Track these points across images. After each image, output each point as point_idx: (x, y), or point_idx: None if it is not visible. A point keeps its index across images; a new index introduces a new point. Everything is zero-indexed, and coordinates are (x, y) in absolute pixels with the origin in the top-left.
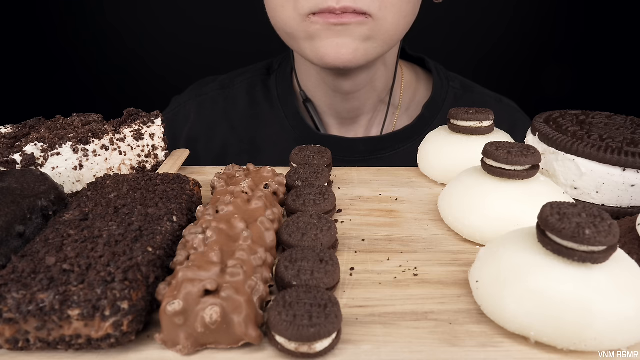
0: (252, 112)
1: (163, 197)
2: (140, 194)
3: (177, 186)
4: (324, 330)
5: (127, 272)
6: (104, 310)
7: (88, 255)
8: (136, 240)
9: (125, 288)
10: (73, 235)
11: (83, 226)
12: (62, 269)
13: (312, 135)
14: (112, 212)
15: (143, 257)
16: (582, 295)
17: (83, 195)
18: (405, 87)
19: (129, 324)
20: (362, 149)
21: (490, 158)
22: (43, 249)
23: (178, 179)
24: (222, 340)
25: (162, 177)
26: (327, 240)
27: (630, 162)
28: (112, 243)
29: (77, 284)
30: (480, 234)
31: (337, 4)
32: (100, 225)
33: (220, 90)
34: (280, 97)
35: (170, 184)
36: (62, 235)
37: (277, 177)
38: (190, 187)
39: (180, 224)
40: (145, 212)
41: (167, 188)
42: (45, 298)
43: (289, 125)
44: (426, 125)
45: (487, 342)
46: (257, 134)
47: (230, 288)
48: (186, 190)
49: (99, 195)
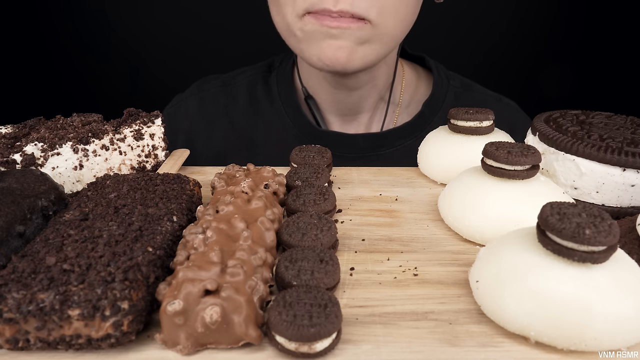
0: (253, 108)
1: (163, 197)
2: (141, 194)
3: (177, 186)
4: (324, 330)
5: (127, 272)
6: (104, 310)
7: (88, 255)
8: (136, 240)
9: (126, 288)
10: (73, 235)
11: (83, 226)
12: (63, 269)
13: (312, 131)
14: (112, 212)
15: (143, 257)
16: (582, 295)
17: (83, 195)
18: (405, 85)
19: (129, 324)
20: (362, 145)
21: (490, 158)
22: (43, 249)
23: (178, 179)
24: (222, 340)
25: (162, 177)
26: (327, 240)
27: (630, 162)
28: (112, 243)
29: (77, 283)
30: (480, 234)
31: (334, 7)
32: (100, 225)
33: (222, 87)
34: (280, 93)
35: (170, 184)
36: (62, 235)
37: (277, 177)
38: (190, 187)
39: (181, 224)
40: (145, 212)
41: (167, 188)
42: (45, 298)
43: (289, 121)
44: (426, 122)
45: (487, 342)
46: (257, 131)
47: (231, 288)
48: (186, 190)
49: (99, 195)
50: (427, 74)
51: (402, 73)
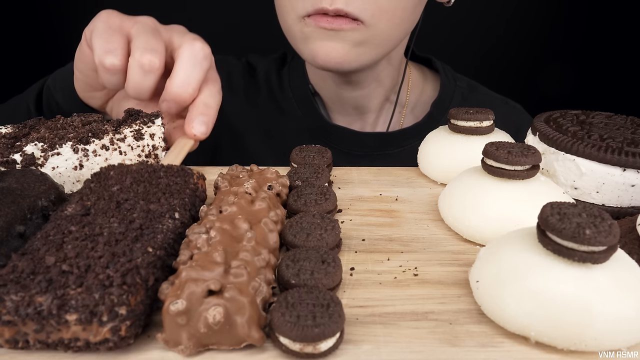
0: (268, 96)
1: (166, 191)
2: (143, 187)
3: (181, 179)
4: (328, 330)
5: (126, 276)
6: (102, 315)
7: (87, 254)
8: (136, 240)
9: (124, 293)
10: (74, 232)
11: (84, 222)
12: (61, 270)
13: (323, 124)
14: (114, 207)
15: (143, 258)
16: (582, 295)
17: (86, 187)
18: (412, 86)
19: (127, 329)
20: (371, 143)
21: (490, 158)
22: (43, 246)
23: (182, 172)
24: (225, 341)
25: (166, 169)
26: (332, 240)
27: (630, 162)
28: (112, 242)
29: (76, 287)
30: (480, 234)
31: (330, 6)
32: (101, 222)
33: (247, 68)
34: (292, 86)
35: (174, 177)
36: (63, 231)
37: (281, 179)
38: (194, 181)
39: (183, 221)
40: (147, 209)
41: (170, 182)
42: (43, 301)
43: (300, 114)
44: (434, 123)
45: (487, 342)
46: (272, 121)
47: (234, 289)
48: (189, 184)
49: (102, 187)
50: (433, 75)
51: (408, 74)
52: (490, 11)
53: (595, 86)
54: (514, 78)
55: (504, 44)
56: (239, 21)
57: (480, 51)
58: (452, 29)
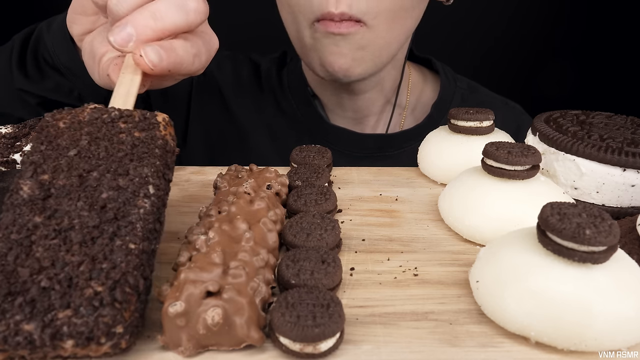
0: (268, 96)
1: (133, 155)
2: (105, 150)
3: (146, 134)
4: (329, 329)
5: (115, 291)
6: (99, 339)
7: (64, 260)
8: (115, 235)
9: (117, 313)
10: (40, 227)
11: (48, 210)
12: (41, 287)
13: (323, 125)
14: (77, 183)
15: (127, 262)
16: (582, 296)
17: (36, 151)
18: (412, 88)
19: (127, 341)
20: (371, 145)
21: (490, 158)
22: (10, 251)
23: (145, 121)
24: (224, 342)
25: (125, 118)
26: (332, 240)
27: (630, 162)
28: (87, 241)
29: (63, 308)
30: (480, 234)
31: (335, 9)
32: (67, 208)
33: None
34: (291, 87)
35: (137, 130)
36: (26, 226)
37: (280, 178)
38: (162, 133)
39: (158, 195)
40: (116, 185)
41: (134, 140)
42: (32, 330)
43: (300, 115)
44: (434, 125)
45: (487, 342)
46: (275, 121)
47: (233, 289)
48: (157, 138)
49: (55, 150)
50: (433, 76)
51: (408, 75)
52: (490, 11)
53: (595, 86)
54: (513, 78)
55: (503, 43)
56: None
57: (480, 51)
58: (452, 29)
